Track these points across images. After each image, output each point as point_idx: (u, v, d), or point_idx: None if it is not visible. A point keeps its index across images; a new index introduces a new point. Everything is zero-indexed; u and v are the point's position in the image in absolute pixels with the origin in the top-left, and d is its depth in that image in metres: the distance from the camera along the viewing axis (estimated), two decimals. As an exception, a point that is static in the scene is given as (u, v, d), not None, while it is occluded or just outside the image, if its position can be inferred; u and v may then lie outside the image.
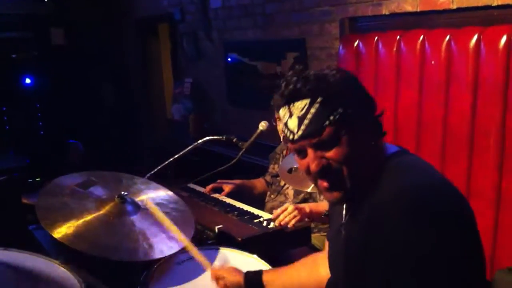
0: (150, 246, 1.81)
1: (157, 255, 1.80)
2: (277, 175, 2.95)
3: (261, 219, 2.59)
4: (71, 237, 1.73)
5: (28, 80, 6.30)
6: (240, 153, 2.79)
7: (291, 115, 1.25)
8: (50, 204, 1.85)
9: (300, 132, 1.23)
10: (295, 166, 2.39)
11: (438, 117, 2.67)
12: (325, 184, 1.27)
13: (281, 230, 2.47)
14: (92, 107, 6.49)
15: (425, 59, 2.76)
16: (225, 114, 5.15)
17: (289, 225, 2.32)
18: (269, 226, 2.47)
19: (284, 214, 2.37)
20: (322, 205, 2.66)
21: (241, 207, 2.81)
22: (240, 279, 1.78)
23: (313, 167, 1.24)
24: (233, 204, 2.88)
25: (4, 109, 6.18)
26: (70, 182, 2.00)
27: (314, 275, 1.71)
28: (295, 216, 2.36)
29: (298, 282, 1.75)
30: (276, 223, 2.36)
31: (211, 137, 2.96)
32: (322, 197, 2.73)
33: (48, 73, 6.31)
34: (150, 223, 1.90)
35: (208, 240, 2.26)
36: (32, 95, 6.35)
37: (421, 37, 2.76)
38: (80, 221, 1.80)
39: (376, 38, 3.01)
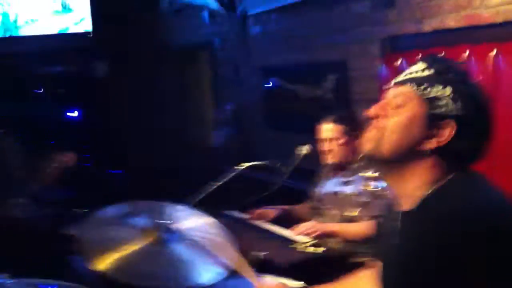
0: (196, 273, 1.77)
1: (204, 281, 1.76)
2: (320, 200, 2.89)
3: (302, 244, 2.53)
4: (115, 269, 1.71)
5: (74, 114, 6.45)
6: (284, 178, 2.74)
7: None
8: (92, 236, 1.84)
9: (397, 78, 1.30)
10: (339, 190, 2.33)
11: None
12: (369, 130, 1.30)
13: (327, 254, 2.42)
14: (134, 137, 6.58)
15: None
16: (265, 139, 5.12)
17: (307, 238, 2.46)
18: (317, 251, 2.42)
19: (303, 225, 2.51)
20: (362, 225, 2.59)
21: (282, 233, 2.76)
22: None
23: (374, 107, 1.30)
24: (274, 230, 2.83)
25: (52, 143, 6.33)
26: (111, 214, 1.99)
27: None
28: (314, 230, 2.48)
29: None
30: (295, 233, 2.48)
31: (253, 163, 2.92)
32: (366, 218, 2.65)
33: (92, 106, 6.45)
34: (193, 251, 1.87)
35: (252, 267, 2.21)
36: (77, 128, 6.49)
37: (466, 53, 2.68)
38: (123, 253, 1.78)
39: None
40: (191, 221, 2.06)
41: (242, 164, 2.90)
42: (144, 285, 1.71)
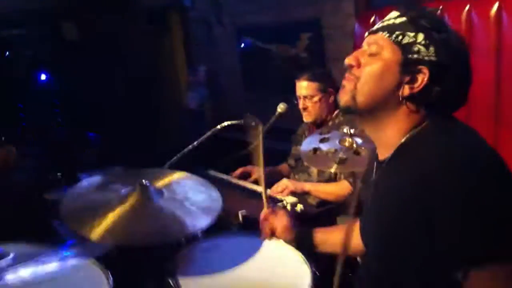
0: (182, 224, 1.77)
1: (191, 229, 1.79)
2: (300, 158, 2.92)
3: (284, 202, 2.57)
4: (105, 235, 1.69)
5: (43, 77, 6.31)
6: (261, 136, 2.74)
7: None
8: (75, 208, 1.82)
9: (375, 27, 1.32)
10: (317, 146, 2.35)
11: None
12: (344, 82, 1.32)
13: (305, 212, 2.46)
14: (106, 100, 6.48)
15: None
16: (241, 100, 5.10)
17: (280, 196, 2.55)
18: (296, 209, 2.47)
19: (277, 184, 2.65)
20: (338, 185, 2.64)
21: (254, 189, 2.79)
22: (291, 236, 1.83)
23: (348, 57, 1.31)
24: (255, 189, 2.86)
25: (21, 106, 6.20)
26: (90, 185, 1.98)
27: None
28: (284, 188, 2.61)
29: None
30: (270, 192, 2.57)
31: (229, 122, 2.91)
32: (342, 177, 2.70)
33: (62, 68, 6.31)
34: (177, 204, 1.87)
35: (232, 226, 2.24)
36: (47, 91, 6.36)
37: (440, 8, 2.69)
38: (108, 217, 1.77)
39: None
40: (170, 179, 2.06)
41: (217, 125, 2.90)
42: (136, 244, 1.72)
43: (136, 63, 6.77)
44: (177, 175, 2.12)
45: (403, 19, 1.27)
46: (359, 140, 2.29)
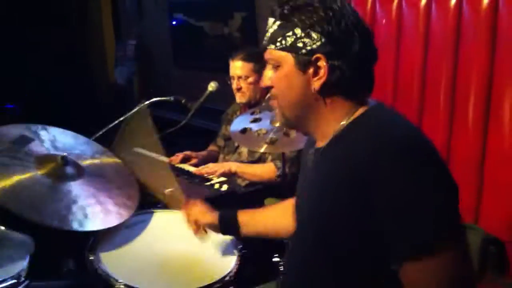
0: (85, 217, 1.70)
1: (91, 227, 1.70)
2: (229, 138, 2.90)
3: (212, 181, 2.56)
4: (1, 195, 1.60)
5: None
6: (190, 114, 2.69)
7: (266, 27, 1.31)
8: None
9: (265, 41, 1.30)
10: (248, 126, 2.33)
11: (390, 73, 2.67)
12: (271, 102, 1.35)
13: (233, 192, 2.45)
14: (28, 71, 6.16)
15: (376, 20, 2.74)
16: (171, 77, 5.00)
17: (211, 176, 2.59)
18: (221, 189, 2.45)
19: (204, 167, 2.67)
20: (264, 167, 2.65)
21: (190, 170, 2.76)
22: (213, 219, 1.76)
23: (260, 81, 1.35)
24: (183, 167, 2.82)
25: None
26: (6, 137, 1.85)
27: (288, 216, 1.65)
28: (214, 170, 2.60)
29: (273, 223, 1.73)
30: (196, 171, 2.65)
31: (158, 98, 2.83)
32: (270, 158, 2.71)
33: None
34: (89, 193, 1.78)
35: (158, 204, 2.19)
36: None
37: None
38: (15, 179, 1.66)
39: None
40: (93, 158, 1.98)
41: (147, 99, 2.82)
42: (31, 218, 1.61)
43: (62, 35, 6.47)
44: (106, 157, 2.03)
45: (278, 22, 1.26)
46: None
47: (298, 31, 1.22)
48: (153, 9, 4.95)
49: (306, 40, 1.21)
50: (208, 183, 2.55)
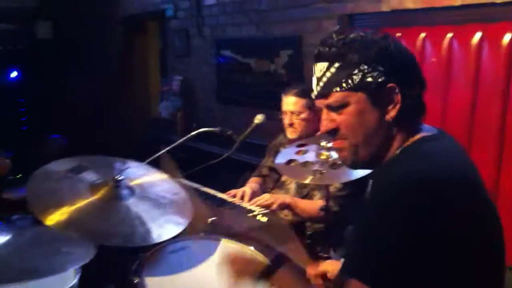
0: (147, 231, 1.72)
1: (155, 239, 1.71)
2: (274, 169, 2.89)
3: (255, 212, 2.54)
4: (64, 224, 1.63)
5: (13, 74, 6.15)
6: (235, 145, 2.70)
7: (314, 75, 1.30)
8: (41, 190, 1.75)
9: (315, 92, 1.30)
10: (293, 158, 2.33)
11: (437, 113, 2.65)
12: (336, 143, 1.31)
13: (276, 224, 2.43)
14: (76, 103, 6.36)
15: (425, 57, 2.73)
16: (214, 112, 5.07)
17: (249, 206, 2.54)
18: (261, 220, 2.43)
19: (260, 198, 2.58)
20: (313, 204, 2.62)
21: (233, 201, 2.75)
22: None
23: (322, 127, 1.31)
24: (225, 198, 2.82)
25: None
26: (61, 168, 1.90)
27: None
28: (271, 203, 2.51)
29: None
30: (247, 202, 2.61)
31: (204, 129, 2.86)
32: (318, 195, 2.68)
33: (33, 67, 6.18)
34: (146, 208, 1.81)
35: (201, 232, 2.19)
36: (16, 89, 6.20)
37: (423, 35, 2.73)
38: (73, 207, 1.70)
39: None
40: (145, 178, 2.01)
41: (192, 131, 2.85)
42: (97, 241, 1.65)
43: (108, 69, 6.69)
44: (155, 176, 2.06)
45: (336, 64, 1.24)
46: (335, 154, 2.28)
47: (363, 67, 1.21)
48: (201, 45, 5.07)
49: (374, 73, 1.21)
50: (251, 214, 2.53)
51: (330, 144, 2.32)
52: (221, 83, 4.87)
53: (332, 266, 1.74)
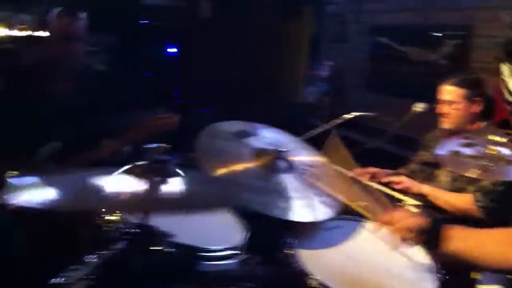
0: (302, 208, 1.71)
1: (309, 218, 1.71)
2: (425, 163, 2.76)
3: (405, 203, 2.44)
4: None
5: (171, 50, 6.50)
6: (390, 131, 2.61)
7: None
8: (210, 147, 1.81)
9: None
10: (459, 150, 2.18)
11: None
12: None
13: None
14: (226, 83, 6.56)
15: None
16: (363, 101, 4.95)
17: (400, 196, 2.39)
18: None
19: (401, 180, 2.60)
20: (460, 197, 2.47)
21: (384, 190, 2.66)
22: (423, 222, 1.54)
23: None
24: (372, 185, 2.72)
25: (148, 74, 6.40)
26: (227, 129, 1.96)
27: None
28: (401, 182, 2.58)
29: (491, 248, 1.47)
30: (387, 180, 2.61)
31: (358, 113, 2.81)
32: (470, 189, 2.51)
33: (191, 45, 6.47)
34: (301, 185, 1.80)
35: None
36: (173, 64, 6.54)
37: None
38: (237, 168, 1.74)
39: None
40: (305, 155, 2.01)
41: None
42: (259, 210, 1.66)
43: (260, 51, 6.81)
44: (312, 155, 2.05)
45: None
46: (506, 151, 2.10)
47: None
48: (356, 31, 4.97)
49: None
50: (401, 204, 2.42)
51: (499, 138, 2.14)
52: (374, 71, 4.74)
53: (407, 218, 1.59)
